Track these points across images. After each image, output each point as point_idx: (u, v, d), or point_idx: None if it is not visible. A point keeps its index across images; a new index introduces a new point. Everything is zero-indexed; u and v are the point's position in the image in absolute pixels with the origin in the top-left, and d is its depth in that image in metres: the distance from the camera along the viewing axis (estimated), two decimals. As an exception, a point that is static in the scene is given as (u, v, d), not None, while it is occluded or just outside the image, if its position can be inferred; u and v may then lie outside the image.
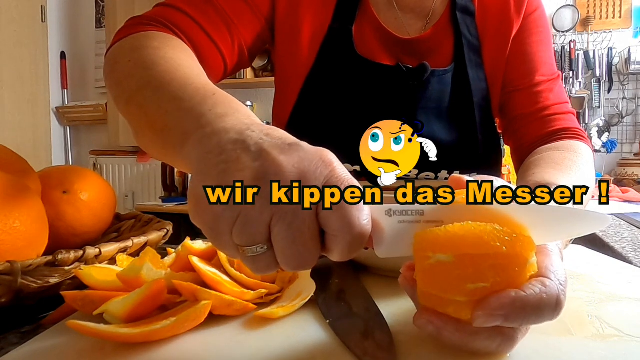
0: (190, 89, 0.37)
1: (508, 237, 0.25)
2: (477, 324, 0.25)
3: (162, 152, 0.39)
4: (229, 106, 0.33)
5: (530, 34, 0.70)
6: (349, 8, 0.64)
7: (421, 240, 0.27)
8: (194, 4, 0.56)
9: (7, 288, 0.36)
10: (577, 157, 0.58)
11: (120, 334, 0.29)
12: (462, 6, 0.67)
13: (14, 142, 2.44)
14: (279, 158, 0.26)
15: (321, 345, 0.31)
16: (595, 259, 0.54)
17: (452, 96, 0.67)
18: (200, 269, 0.35)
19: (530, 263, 0.26)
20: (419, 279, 0.28)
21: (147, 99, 0.40)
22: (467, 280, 0.25)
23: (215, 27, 0.57)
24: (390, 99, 0.64)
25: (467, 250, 0.25)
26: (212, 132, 0.29)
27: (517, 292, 0.25)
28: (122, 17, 2.69)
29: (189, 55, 0.49)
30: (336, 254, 0.27)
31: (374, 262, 0.45)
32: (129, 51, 0.48)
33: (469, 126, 0.67)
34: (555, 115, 0.68)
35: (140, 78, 0.42)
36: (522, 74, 0.69)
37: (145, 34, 0.51)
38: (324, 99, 0.65)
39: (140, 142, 0.44)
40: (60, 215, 0.49)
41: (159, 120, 0.37)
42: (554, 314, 0.26)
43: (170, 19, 0.54)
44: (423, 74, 0.63)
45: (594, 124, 2.35)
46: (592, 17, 2.35)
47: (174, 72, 0.41)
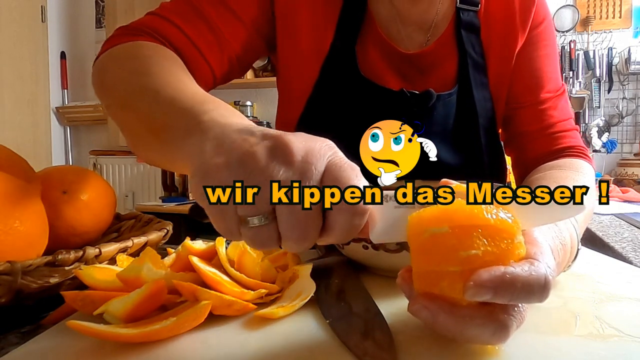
0: (187, 91, 0.38)
1: (496, 214, 0.27)
2: (468, 296, 0.26)
3: (160, 153, 0.38)
4: (229, 110, 0.34)
5: (536, 47, 0.68)
6: (352, 24, 0.63)
7: (416, 220, 0.28)
8: (183, 14, 0.56)
9: (7, 288, 0.36)
10: (579, 176, 0.58)
11: (120, 334, 0.29)
12: (467, 22, 0.65)
13: (14, 142, 2.44)
14: (286, 136, 0.27)
15: (321, 345, 0.31)
16: (595, 259, 0.54)
17: (456, 119, 0.66)
18: (200, 269, 0.35)
19: (517, 241, 0.27)
20: (414, 260, 0.29)
21: (143, 102, 0.40)
22: (459, 248, 0.26)
23: (203, 39, 0.56)
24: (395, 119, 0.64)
25: (459, 222, 0.27)
26: (216, 125, 0.30)
27: (507, 267, 0.26)
28: (122, 17, 2.69)
29: (179, 64, 0.49)
30: (337, 231, 0.27)
31: (374, 262, 0.45)
32: (121, 59, 0.49)
33: (475, 148, 0.67)
34: (559, 133, 0.68)
35: (135, 84, 0.42)
36: (528, 90, 0.69)
37: (135, 43, 0.51)
38: (328, 118, 0.64)
39: (135, 146, 0.44)
40: (60, 215, 0.49)
41: (158, 120, 0.37)
42: (542, 294, 0.26)
43: (158, 29, 0.54)
44: (428, 101, 0.62)
45: (594, 124, 2.35)
46: (592, 17, 2.35)
47: (168, 77, 0.41)
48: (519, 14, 0.66)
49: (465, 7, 0.65)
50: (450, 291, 0.27)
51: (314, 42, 0.63)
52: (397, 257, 0.41)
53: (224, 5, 0.58)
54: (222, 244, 0.40)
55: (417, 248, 0.28)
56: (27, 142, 2.76)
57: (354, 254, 0.45)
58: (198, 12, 0.57)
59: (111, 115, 0.47)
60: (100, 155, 3.02)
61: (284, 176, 0.26)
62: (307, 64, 0.64)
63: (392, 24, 0.65)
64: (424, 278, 0.28)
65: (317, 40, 0.63)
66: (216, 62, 0.58)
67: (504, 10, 0.67)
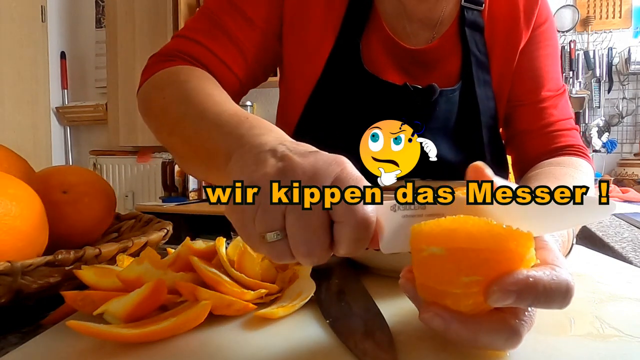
0: (224, 115, 0.41)
1: (503, 233, 0.25)
2: (491, 302, 0.25)
3: (206, 174, 0.45)
4: (263, 127, 0.37)
5: (538, 47, 0.69)
6: (358, 19, 0.63)
7: (416, 233, 0.28)
8: (205, 31, 0.61)
9: (7, 288, 0.36)
10: (578, 173, 0.59)
11: (120, 334, 0.29)
12: (471, 21, 0.66)
13: (14, 142, 2.44)
14: (297, 159, 0.29)
15: (321, 345, 0.31)
16: (595, 259, 0.54)
17: (459, 116, 0.66)
18: (200, 269, 0.35)
19: (527, 258, 0.26)
20: (416, 271, 0.28)
21: (187, 130, 0.45)
22: (460, 273, 0.26)
23: (226, 51, 0.61)
24: (397, 118, 0.64)
25: (457, 244, 0.25)
26: (251, 147, 0.33)
27: (529, 271, 0.26)
28: (122, 17, 2.69)
29: (212, 82, 0.54)
30: (344, 244, 0.28)
31: (374, 262, 0.45)
32: (160, 89, 0.54)
33: (476, 146, 0.67)
34: (559, 132, 0.68)
35: (177, 112, 0.48)
36: (529, 89, 0.69)
37: (169, 70, 0.56)
38: (330, 112, 0.64)
39: (184, 167, 0.52)
40: (60, 215, 0.49)
41: (201, 146, 0.42)
42: (564, 300, 0.26)
43: (185, 51, 0.60)
44: (431, 96, 0.62)
45: (594, 124, 2.35)
46: (592, 17, 2.35)
47: (205, 102, 0.46)
48: (523, 13, 0.67)
49: (469, 5, 0.65)
50: (454, 307, 0.27)
51: (320, 37, 0.64)
52: (397, 257, 0.41)
53: (238, 11, 0.62)
54: (222, 244, 0.40)
55: (417, 262, 0.28)
56: (27, 142, 2.76)
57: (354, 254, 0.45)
58: (217, 25, 0.61)
59: (159, 140, 0.53)
60: (100, 155, 3.02)
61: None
62: (312, 58, 0.64)
63: (398, 21, 0.66)
64: (426, 290, 0.28)
65: (322, 35, 0.64)
66: (241, 71, 0.62)
67: (508, 10, 0.67)
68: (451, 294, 0.26)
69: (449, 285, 0.26)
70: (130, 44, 2.68)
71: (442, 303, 0.27)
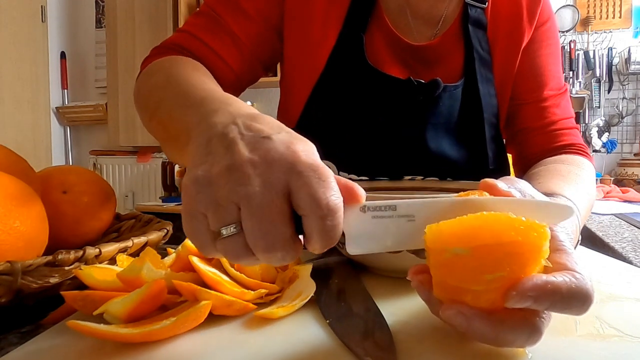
0: (192, 95, 0.41)
1: (523, 226, 0.26)
2: (509, 304, 0.25)
3: (179, 157, 0.45)
4: (222, 102, 0.36)
5: (540, 46, 0.69)
6: (361, 14, 0.63)
7: (435, 235, 0.27)
8: (203, 26, 0.62)
9: (7, 288, 0.36)
10: (581, 172, 0.59)
11: (120, 334, 0.29)
12: (474, 19, 0.66)
13: (14, 142, 2.44)
14: (246, 155, 0.27)
15: (321, 345, 0.31)
16: (595, 259, 0.54)
17: (461, 112, 0.66)
18: (200, 269, 0.35)
19: (544, 250, 0.27)
20: (435, 272, 0.28)
21: (163, 113, 0.45)
22: (484, 271, 0.26)
23: (221, 44, 0.61)
24: (399, 113, 0.63)
25: (483, 241, 0.26)
26: (204, 128, 0.32)
27: (549, 276, 0.26)
28: (122, 17, 2.69)
29: (199, 69, 0.54)
30: (314, 238, 0.27)
31: (374, 262, 0.45)
32: (149, 76, 0.55)
33: (479, 142, 0.67)
34: (561, 131, 0.69)
35: (157, 97, 0.49)
36: (531, 87, 0.69)
37: (162, 59, 0.57)
38: (332, 107, 0.64)
39: (165, 152, 0.52)
40: (60, 215, 0.49)
41: (172, 128, 0.42)
42: (582, 307, 0.26)
43: (182, 44, 0.61)
44: (435, 90, 0.62)
45: (594, 124, 2.35)
46: (592, 17, 2.35)
47: (182, 85, 0.45)
48: (526, 11, 0.67)
49: (473, 3, 0.66)
50: (474, 304, 0.27)
51: (323, 32, 0.64)
52: (397, 257, 0.41)
53: (236, 4, 0.62)
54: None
55: (437, 263, 0.28)
56: (27, 142, 2.76)
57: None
58: (215, 19, 0.62)
59: (145, 126, 0.54)
60: (100, 155, 3.02)
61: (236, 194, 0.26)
62: (314, 53, 0.64)
63: (401, 17, 0.66)
64: (445, 289, 0.28)
65: (325, 30, 0.64)
66: (236, 63, 0.63)
67: (511, 8, 0.67)
68: (472, 291, 0.27)
69: (472, 283, 0.26)
70: (130, 44, 2.68)
71: (462, 300, 0.27)
